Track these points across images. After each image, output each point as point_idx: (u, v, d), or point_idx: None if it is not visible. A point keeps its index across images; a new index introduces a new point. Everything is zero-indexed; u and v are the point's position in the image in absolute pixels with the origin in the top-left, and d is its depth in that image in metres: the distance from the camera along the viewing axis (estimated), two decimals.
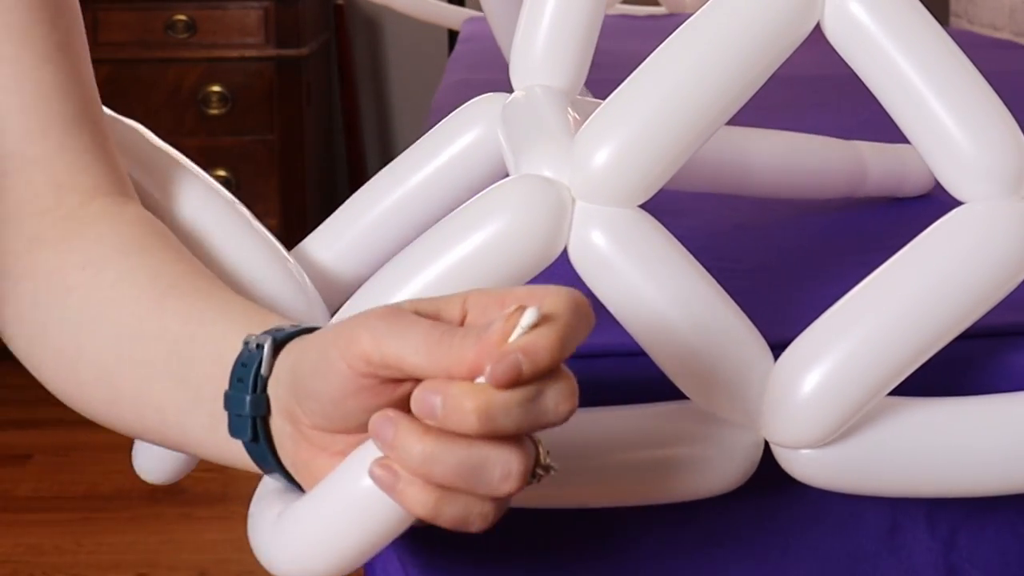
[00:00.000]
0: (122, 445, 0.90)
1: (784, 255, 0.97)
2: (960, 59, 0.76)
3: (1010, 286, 0.74)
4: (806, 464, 0.75)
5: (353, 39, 3.51)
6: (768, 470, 0.77)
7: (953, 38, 0.77)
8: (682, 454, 0.74)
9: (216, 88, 3.01)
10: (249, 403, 0.61)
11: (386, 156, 3.42)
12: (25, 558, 2.28)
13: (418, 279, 0.74)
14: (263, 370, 0.61)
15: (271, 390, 0.61)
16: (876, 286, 0.75)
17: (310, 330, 0.62)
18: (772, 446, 0.75)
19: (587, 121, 0.76)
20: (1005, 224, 0.73)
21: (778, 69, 0.76)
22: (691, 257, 0.76)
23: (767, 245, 1.00)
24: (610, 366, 0.81)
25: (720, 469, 0.75)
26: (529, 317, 0.52)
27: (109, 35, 2.98)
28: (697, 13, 0.76)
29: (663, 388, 0.77)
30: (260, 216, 0.89)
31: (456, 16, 2.73)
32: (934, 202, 0.76)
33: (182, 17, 2.99)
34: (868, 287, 0.75)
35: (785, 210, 1.09)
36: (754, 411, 0.74)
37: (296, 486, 0.63)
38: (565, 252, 0.75)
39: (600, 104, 0.77)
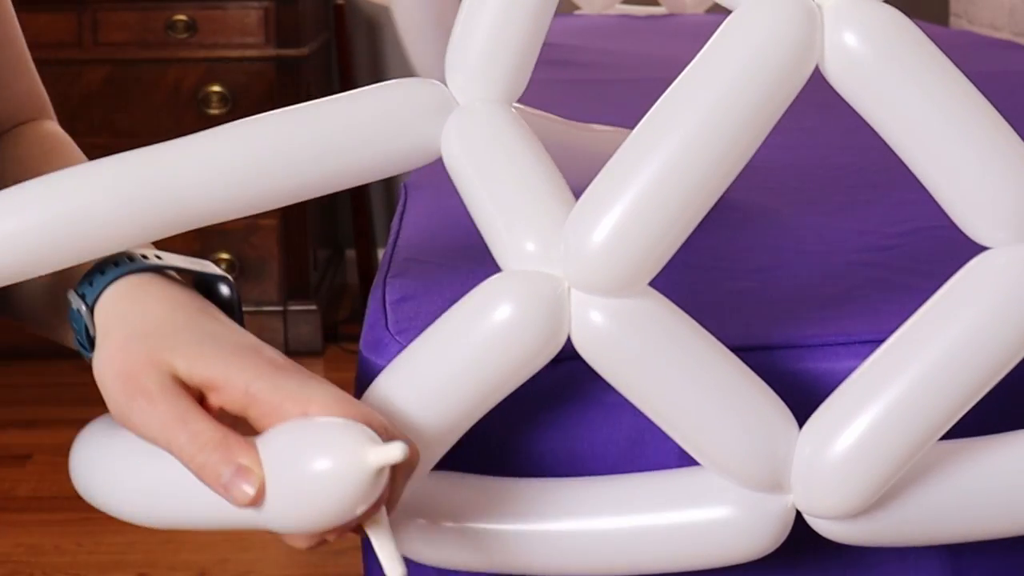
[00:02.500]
0: None
1: (784, 255, 0.97)
2: (971, 93, 0.70)
3: None
4: (839, 529, 0.73)
5: (353, 39, 3.51)
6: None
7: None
8: (709, 519, 0.72)
9: (216, 88, 3.01)
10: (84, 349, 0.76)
11: None
12: (25, 558, 2.27)
13: (408, 391, 0.71)
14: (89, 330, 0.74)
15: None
16: (902, 345, 0.71)
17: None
18: (804, 514, 0.73)
19: (580, 200, 0.70)
20: None
21: None
22: (703, 331, 0.72)
23: (767, 244, 1.00)
24: None
25: (751, 534, 0.72)
26: None
27: (109, 35, 2.98)
28: (684, 72, 0.69)
29: None
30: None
31: None
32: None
33: (182, 17, 2.99)
34: (894, 347, 0.71)
35: (784, 210, 1.09)
36: (782, 481, 0.72)
37: None
38: None
39: (558, 120, 0.73)
